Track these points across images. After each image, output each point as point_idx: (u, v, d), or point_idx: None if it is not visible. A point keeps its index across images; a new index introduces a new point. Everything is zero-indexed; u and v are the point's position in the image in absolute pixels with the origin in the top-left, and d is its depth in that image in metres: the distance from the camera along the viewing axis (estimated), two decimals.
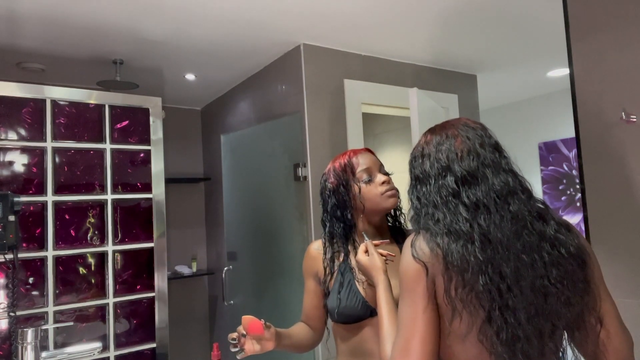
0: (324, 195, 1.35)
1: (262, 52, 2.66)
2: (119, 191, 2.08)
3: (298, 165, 2.52)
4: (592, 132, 1.54)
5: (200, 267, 3.79)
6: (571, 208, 3.96)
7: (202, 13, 2.14)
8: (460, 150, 0.93)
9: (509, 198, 0.89)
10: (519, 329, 0.82)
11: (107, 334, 2.00)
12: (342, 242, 1.31)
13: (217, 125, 3.63)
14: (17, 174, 1.89)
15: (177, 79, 3.08)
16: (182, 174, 3.72)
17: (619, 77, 1.47)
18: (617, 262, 1.45)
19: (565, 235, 0.90)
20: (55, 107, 1.98)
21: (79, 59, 2.62)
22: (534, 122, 4.22)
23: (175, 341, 2.57)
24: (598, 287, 0.92)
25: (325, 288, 1.31)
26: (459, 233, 0.86)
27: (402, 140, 3.84)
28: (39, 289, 1.89)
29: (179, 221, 3.65)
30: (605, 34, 1.50)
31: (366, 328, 1.22)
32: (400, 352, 0.86)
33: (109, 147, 2.07)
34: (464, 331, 0.85)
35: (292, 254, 2.57)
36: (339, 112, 2.62)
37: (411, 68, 2.98)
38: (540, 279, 0.85)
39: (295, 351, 1.37)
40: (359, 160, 1.31)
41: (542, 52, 2.94)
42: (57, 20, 2.14)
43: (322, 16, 2.24)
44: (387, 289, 1.08)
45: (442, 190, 0.91)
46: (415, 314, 0.86)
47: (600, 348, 0.91)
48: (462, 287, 0.83)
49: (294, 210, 2.59)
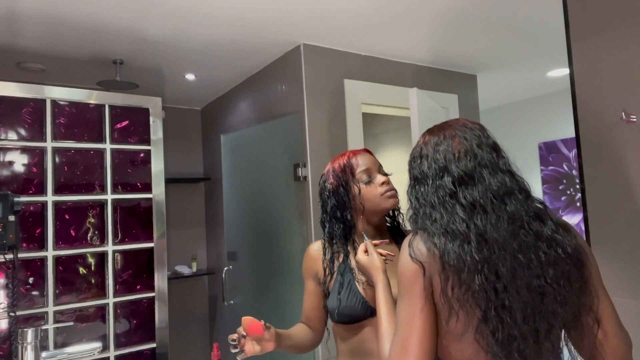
0: (324, 196, 1.35)
1: (262, 52, 2.66)
2: (119, 191, 2.08)
3: (298, 165, 2.52)
4: (592, 132, 1.54)
5: (200, 267, 3.80)
6: (571, 208, 3.96)
7: (202, 13, 2.14)
8: (457, 150, 0.93)
9: (506, 198, 0.89)
10: (515, 329, 0.83)
11: (107, 334, 2.00)
12: (342, 242, 1.31)
13: (217, 125, 3.63)
14: (17, 174, 1.89)
15: (177, 79, 3.09)
16: (182, 174, 3.73)
17: (619, 77, 1.47)
18: (617, 262, 1.45)
19: (562, 236, 0.90)
20: (55, 107, 1.98)
21: (79, 59, 2.62)
22: (534, 122, 4.21)
23: (175, 341, 2.57)
24: (596, 287, 0.92)
25: (325, 289, 1.31)
26: (456, 233, 0.86)
27: (402, 140, 3.84)
28: (39, 289, 1.89)
29: (179, 221, 3.66)
30: (605, 34, 1.50)
31: (366, 328, 1.23)
32: (398, 351, 0.87)
33: (109, 147, 2.07)
34: (460, 330, 0.85)
35: (292, 254, 2.58)
36: (339, 112, 2.62)
37: (411, 68, 2.98)
38: (537, 278, 0.85)
39: (296, 352, 1.37)
40: (358, 161, 1.31)
41: (542, 52, 2.94)
42: (57, 20, 2.14)
43: (322, 16, 2.24)
44: (386, 288, 1.09)
45: (440, 190, 0.92)
46: (413, 314, 0.87)
47: (597, 348, 0.91)
48: (459, 287, 0.84)
49: (294, 210, 2.59)
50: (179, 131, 3.75)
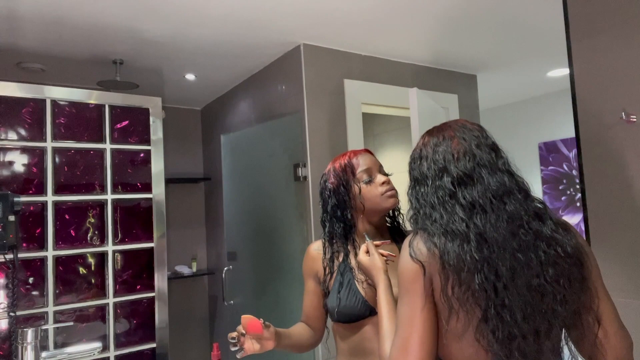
0: (324, 195, 1.35)
1: (262, 52, 2.66)
2: (119, 191, 2.08)
3: (298, 165, 2.52)
4: (592, 132, 1.54)
5: (200, 267, 3.80)
6: (571, 208, 3.96)
7: (202, 13, 2.14)
8: (456, 151, 0.94)
9: (505, 198, 0.89)
10: (515, 328, 0.83)
11: (107, 334, 2.00)
12: (342, 242, 1.32)
13: (217, 125, 3.63)
14: (17, 174, 1.89)
15: (177, 79, 3.09)
16: (182, 174, 3.73)
17: (619, 77, 1.47)
18: (617, 262, 1.45)
19: (562, 235, 0.90)
20: (55, 107, 1.98)
21: (79, 59, 2.62)
22: (534, 122, 4.22)
23: (175, 341, 2.57)
24: (596, 286, 0.92)
25: (325, 288, 1.31)
26: (455, 233, 0.87)
27: (402, 140, 3.84)
28: (39, 289, 1.89)
29: (179, 221, 3.66)
30: (605, 34, 1.50)
31: (366, 327, 1.23)
32: (399, 350, 0.87)
33: (109, 147, 2.08)
34: (460, 330, 0.86)
35: (292, 254, 2.58)
36: (339, 112, 2.62)
37: (411, 68, 2.98)
38: (536, 277, 0.85)
39: (296, 351, 1.37)
40: (359, 160, 1.32)
41: (542, 52, 2.94)
42: (57, 20, 2.14)
43: (322, 16, 2.24)
44: (387, 288, 1.09)
45: (439, 191, 0.92)
46: (413, 313, 0.87)
47: (597, 347, 0.91)
48: (459, 286, 0.84)
49: (294, 210, 2.59)
50: (179, 131, 3.75)
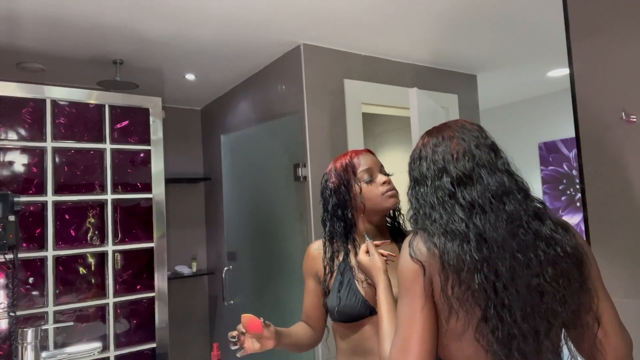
0: (325, 194, 1.35)
1: (262, 52, 2.66)
2: (119, 191, 2.08)
3: (298, 165, 2.52)
4: (592, 132, 1.54)
5: (200, 267, 3.80)
6: (571, 208, 3.96)
7: (202, 13, 2.14)
8: (456, 151, 0.94)
9: (505, 198, 0.90)
10: (515, 327, 0.83)
11: (107, 334, 2.00)
12: (342, 241, 1.32)
13: (217, 125, 3.63)
14: (17, 174, 1.89)
15: (177, 79, 3.09)
16: (182, 174, 3.73)
17: (619, 77, 1.47)
18: (617, 262, 1.45)
19: (561, 235, 0.90)
20: (55, 107, 1.98)
21: (79, 59, 2.62)
22: (534, 122, 4.22)
23: (175, 341, 2.57)
24: (595, 286, 0.92)
25: (325, 287, 1.31)
26: (455, 233, 0.87)
27: (402, 140, 3.84)
28: (39, 289, 1.89)
29: (179, 221, 3.65)
30: (605, 34, 1.50)
31: (366, 326, 1.23)
32: (399, 350, 0.87)
33: (109, 147, 2.08)
34: (460, 330, 0.86)
35: (292, 254, 2.58)
36: (339, 112, 2.62)
37: (411, 68, 2.98)
38: (536, 277, 0.85)
39: (296, 350, 1.38)
40: (360, 160, 1.32)
41: (542, 52, 2.94)
42: (57, 20, 2.14)
43: (322, 16, 2.24)
44: (387, 288, 1.09)
45: (439, 191, 0.92)
46: (413, 313, 0.87)
47: (597, 347, 0.91)
48: (458, 286, 0.84)
49: (294, 210, 2.59)
50: (179, 131, 3.75)
